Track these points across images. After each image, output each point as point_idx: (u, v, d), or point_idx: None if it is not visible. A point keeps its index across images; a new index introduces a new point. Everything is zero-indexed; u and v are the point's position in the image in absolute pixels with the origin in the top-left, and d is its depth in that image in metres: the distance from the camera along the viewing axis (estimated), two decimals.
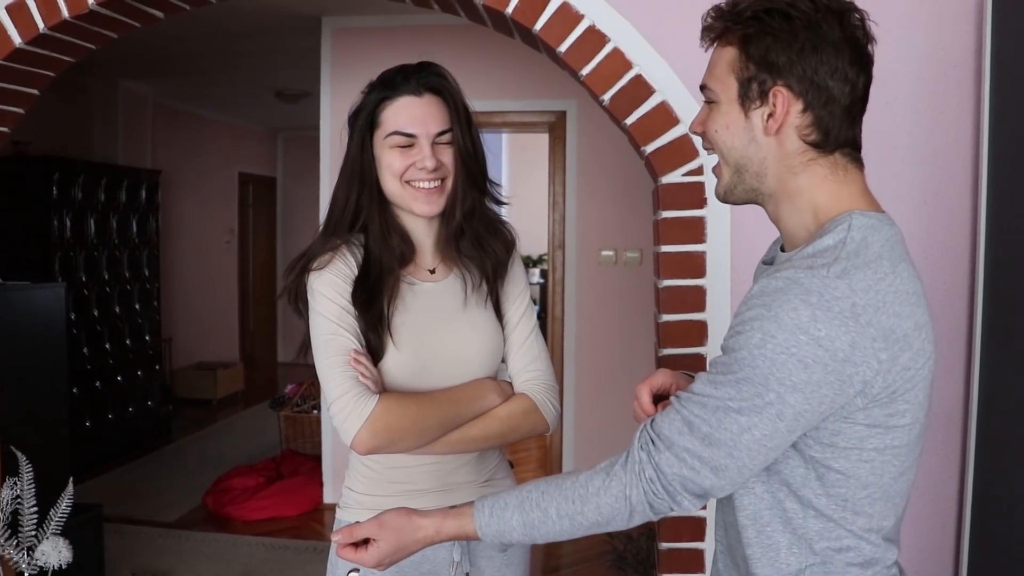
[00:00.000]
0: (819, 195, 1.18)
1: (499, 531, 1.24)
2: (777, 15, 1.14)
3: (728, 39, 1.20)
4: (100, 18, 2.55)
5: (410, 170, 1.55)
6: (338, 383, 1.46)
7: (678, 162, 2.24)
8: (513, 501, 1.24)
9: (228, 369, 8.04)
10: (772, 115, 1.16)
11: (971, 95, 2.20)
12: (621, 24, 2.25)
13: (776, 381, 1.05)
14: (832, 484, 1.13)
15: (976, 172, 2.19)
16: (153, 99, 7.24)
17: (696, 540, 2.27)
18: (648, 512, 1.16)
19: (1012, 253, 2.02)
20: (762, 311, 1.07)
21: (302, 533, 4.64)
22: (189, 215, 8.04)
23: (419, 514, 1.30)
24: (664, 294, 2.28)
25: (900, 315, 1.08)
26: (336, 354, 1.49)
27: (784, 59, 1.14)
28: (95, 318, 5.96)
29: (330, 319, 1.51)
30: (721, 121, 1.21)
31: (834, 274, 1.06)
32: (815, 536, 1.15)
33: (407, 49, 4.85)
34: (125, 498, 5.16)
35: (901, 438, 1.13)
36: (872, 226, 1.13)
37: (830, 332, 1.04)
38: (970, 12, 2.19)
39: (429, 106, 1.57)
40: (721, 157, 1.23)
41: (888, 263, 1.10)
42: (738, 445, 1.09)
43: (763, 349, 1.05)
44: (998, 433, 2.05)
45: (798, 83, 1.14)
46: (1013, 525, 1.94)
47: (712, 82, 1.22)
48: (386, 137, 1.56)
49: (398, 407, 1.47)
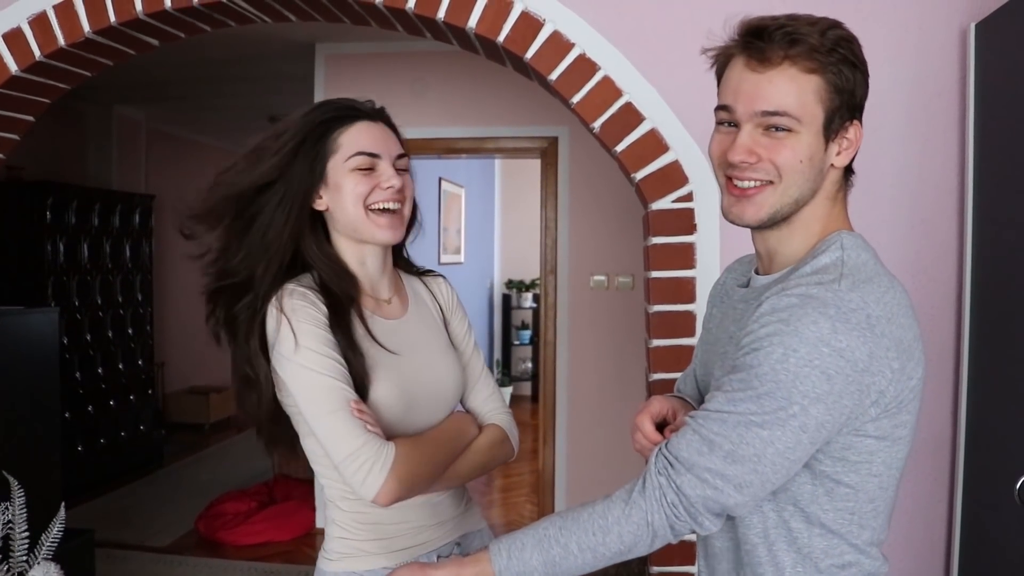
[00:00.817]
0: (824, 217, 1.21)
1: (520, 573, 1.20)
2: (856, 44, 1.17)
3: (808, 65, 1.14)
4: (96, 46, 2.58)
5: (374, 192, 1.50)
6: (353, 436, 1.38)
7: (668, 189, 2.27)
8: (531, 540, 1.20)
9: (221, 393, 8.00)
10: (847, 147, 1.18)
11: (956, 123, 2.24)
12: (611, 53, 2.28)
13: (800, 394, 1.06)
14: (841, 498, 1.15)
15: (962, 198, 2.22)
16: (147, 124, 7.26)
17: (687, 564, 2.28)
18: (669, 535, 1.15)
19: (997, 278, 2.04)
20: (780, 327, 1.07)
21: (294, 558, 4.62)
22: (183, 240, 8.00)
23: (432, 567, 1.26)
24: (654, 319, 2.29)
25: (904, 326, 1.11)
26: (339, 407, 1.40)
27: (862, 92, 1.17)
28: (88, 343, 5.94)
29: (323, 372, 1.41)
30: (804, 152, 1.16)
31: (846, 287, 1.09)
32: (820, 554, 1.17)
33: (399, 75, 4.91)
34: (117, 523, 5.13)
35: (901, 450, 1.16)
36: (861, 245, 1.18)
37: (851, 343, 1.06)
38: (954, 42, 2.23)
39: (384, 131, 1.55)
40: (784, 187, 1.18)
41: (886, 278, 1.14)
42: (763, 459, 1.09)
43: (785, 363, 1.06)
44: (985, 456, 2.07)
45: (862, 113, 1.19)
46: (1002, 549, 1.95)
47: (793, 109, 1.15)
48: (348, 159, 1.49)
49: (414, 452, 1.44)
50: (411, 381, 1.53)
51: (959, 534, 2.16)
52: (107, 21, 2.45)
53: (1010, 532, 1.89)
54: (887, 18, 2.25)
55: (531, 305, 9.21)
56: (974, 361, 2.14)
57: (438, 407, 1.58)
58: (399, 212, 1.54)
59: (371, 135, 1.52)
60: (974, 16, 2.19)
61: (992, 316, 2.07)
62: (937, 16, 2.24)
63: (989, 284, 2.08)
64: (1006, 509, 1.87)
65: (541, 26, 2.30)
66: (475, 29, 2.32)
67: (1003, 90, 2.03)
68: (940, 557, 2.25)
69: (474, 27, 2.32)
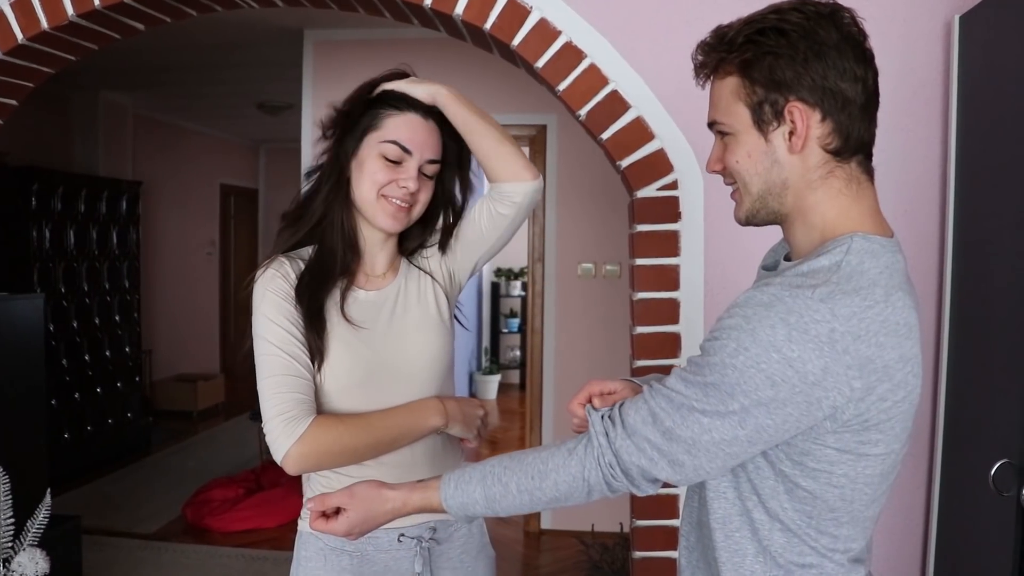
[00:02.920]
0: (830, 211, 1.17)
1: (463, 504, 1.26)
2: (771, 33, 1.13)
3: (726, 69, 1.18)
4: (80, 29, 2.57)
5: (391, 185, 1.54)
6: (274, 403, 1.47)
7: (653, 176, 2.28)
8: (477, 475, 1.26)
9: (208, 381, 8.00)
10: (794, 132, 1.14)
11: (940, 114, 2.25)
12: (598, 41, 2.29)
13: (742, 392, 1.06)
14: (799, 500, 1.14)
15: (944, 189, 2.23)
16: (134, 110, 7.23)
17: (670, 549, 2.30)
18: (606, 491, 1.19)
19: (977, 269, 2.06)
20: (741, 322, 1.07)
21: (281, 544, 4.63)
22: (170, 227, 8.02)
23: (388, 486, 1.33)
24: (638, 306, 2.31)
25: (883, 345, 1.06)
26: (273, 373, 1.48)
27: (791, 73, 1.12)
28: (74, 330, 5.93)
29: (269, 339, 1.51)
30: (741, 151, 1.18)
31: (818, 297, 1.04)
32: (779, 549, 1.16)
33: (388, 62, 4.85)
34: (104, 510, 5.13)
35: (874, 467, 1.12)
36: (872, 251, 1.12)
37: (803, 354, 1.03)
38: (939, 34, 2.24)
39: (432, 132, 1.58)
40: (743, 186, 1.21)
41: (881, 291, 1.08)
42: (697, 445, 1.10)
43: (735, 359, 1.06)
44: (962, 443, 2.09)
45: (810, 93, 1.13)
46: (978, 534, 1.97)
47: (721, 115, 1.20)
48: (381, 143, 1.54)
49: (331, 431, 1.48)
50: (372, 354, 1.57)
51: (936, 519, 2.19)
52: (91, 4, 2.43)
53: (985, 517, 1.91)
54: (873, 10, 2.25)
55: (520, 293, 9.23)
56: (953, 350, 2.16)
57: (404, 381, 1.59)
58: (407, 208, 1.58)
59: (413, 130, 1.56)
60: (958, 8, 2.20)
61: (971, 306, 2.08)
62: (922, 8, 2.24)
63: (969, 274, 2.10)
64: (982, 495, 1.89)
65: (528, 13, 2.30)
66: (462, 16, 2.32)
67: (985, 82, 2.04)
68: (918, 541, 2.27)
69: (461, 14, 2.32)
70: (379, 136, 1.55)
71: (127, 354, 6.55)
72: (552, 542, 4.80)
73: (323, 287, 1.56)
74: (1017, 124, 1.82)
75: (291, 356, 1.49)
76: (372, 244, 1.63)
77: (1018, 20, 1.83)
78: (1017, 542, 1.75)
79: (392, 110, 1.56)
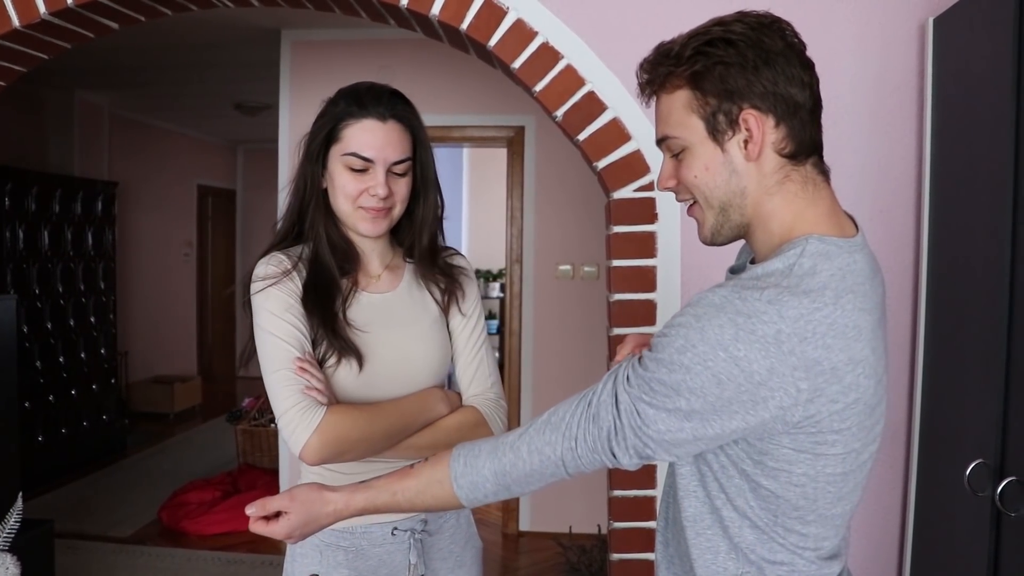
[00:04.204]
0: (787, 215, 1.17)
1: (473, 483, 1.26)
2: (719, 43, 1.14)
3: (674, 84, 1.18)
4: (53, 28, 2.54)
5: (363, 195, 1.55)
6: (286, 395, 1.47)
7: (629, 178, 2.28)
8: (487, 447, 1.26)
9: (185, 383, 7.95)
10: (749, 139, 1.15)
11: (915, 115, 2.26)
12: (574, 41, 2.28)
13: (687, 389, 1.07)
14: (763, 499, 1.15)
15: (919, 190, 2.25)
16: (110, 110, 7.16)
17: (647, 551, 2.30)
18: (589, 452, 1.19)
19: (952, 269, 2.07)
20: (691, 320, 1.08)
21: (258, 547, 4.59)
22: (147, 227, 7.96)
23: (329, 489, 1.35)
24: (615, 308, 2.30)
25: (830, 347, 1.06)
26: (282, 367, 1.49)
27: (742, 82, 1.13)
28: (48, 331, 5.86)
29: (274, 333, 1.51)
30: (698, 164, 1.18)
31: (765, 299, 1.06)
32: (750, 546, 1.17)
33: (366, 63, 4.87)
34: (78, 514, 5.08)
35: (834, 466, 1.13)
36: (826, 253, 1.12)
37: (749, 354, 1.04)
38: (913, 36, 2.25)
39: (391, 133, 1.56)
40: (703, 201, 1.21)
41: (831, 294, 1.08)
42: (645, 431, 1.12)
43: (683, 356, 1.07)
44: (938, 444, 2.10)
45: (762, 100, 1.14)
46: (953, 533, 1.98)
47: (672, 130, 1.20)
48: (343, 155, 1.55)
49: (347, 418, 1.48)
50: (372, 357, 1.58)
51: (913, 519, 2.20)
52: (64, 3, 2.40)
53: (961, 517, 1.92)
54: (849, 12, 2.27)
55: (498, 295, 9.21)
56: (929, 350, 2.17)
57: (402, 385, 1.60)
58: (385, 210, 1.58)
59: (372, 137, 1.55)
60: (932, 11, 2.21)
61: (947, 306, 2.10)
62: (897, 11, 2.26)
63: (944, 274, 2.11)
64: (957, 495, 1.90)
65: (504, 14, 2.29)
66: (439, 16, 2.31)
67: (959, 83, 2.06)
68: (895, 540, 2.28)
69: (438, 14, 2.31)
70: (340, 148, 1.55)
71: (103, 356, 6.49)
72: (530, 544, 4.80)
73: (329, 296, 1.57)
74: (990, 124, 1.83)
75: (297, 348, 1.50)
76: (364, 248, 1.65)
77: (991, 22, 1.85)
78: (991, 541, 1.76)
79: (349, 119, 1.55)
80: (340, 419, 1.47)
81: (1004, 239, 1.75)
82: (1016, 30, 1.72)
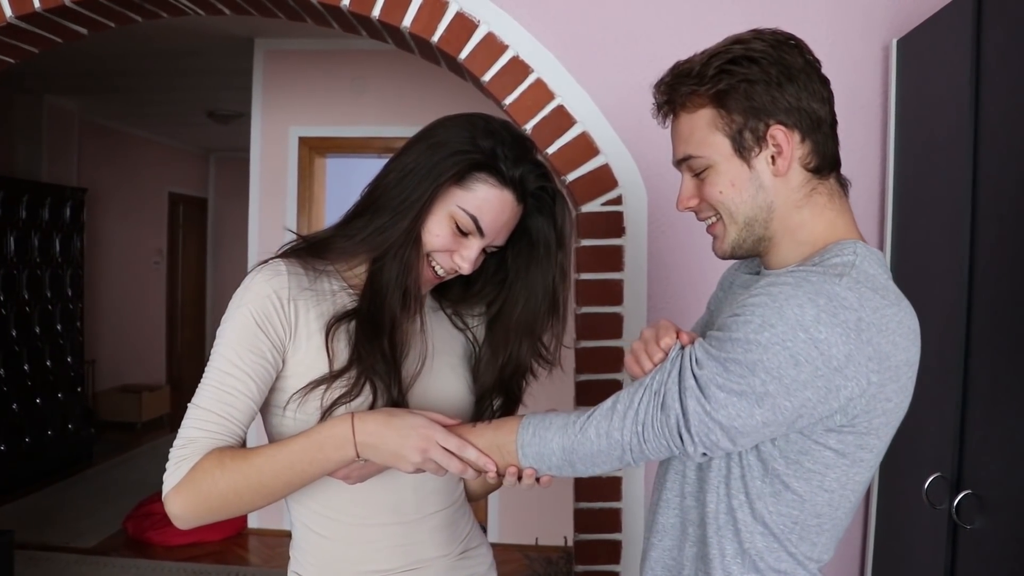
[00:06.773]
0: (819, 225, 1.19)
1: (539, 453, 1.21)
2: (742, 61, 1.15)
3: (696, 103, 1.19)
4: (20, 32, 2.52)
5: (445, 255, 1.34)
6: (181, 431, 1.29)
7: (598, 191, 2.30)
8: (559, 421, 1.21)
9: (154, 392, 7.86)
10: (778, 155, 1.16)
11: (879, 135, 2.30)
12: (544, 55, 2.30)
13: (763, 369, 1.05)
14: (786, 504, 1.15)
15: (882, 208, 2.28)
16: (80, 116, 7.10)
17: (612, 563, 2.31)
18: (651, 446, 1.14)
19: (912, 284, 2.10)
20: (766, 300, 1.06)
21: (225, 558, 4.56)
22: (116, 235, 7.88)
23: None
24: (582, 321, 2.32)
25: (897, 345, 1.08)
26: (197, 402, 1.28)
27: (768, 99, 1.15)
28: (13, 339, 5.79)
29: (222, 353, 1.28)
30: (723, 181, 1.19)
31: (846, 285, 1.06)
32: (758, 553, 1.17)
33: (339, 73, 4.87)
34: (41, 524, 5.01)
35: (862, 474, 1.14)
36: (877, 259, 1.15)
37: (830, 337, 1.03)
38: (877, 58, 2.29)
39: (514, 218, 1.35)
40: (727, 216, 1.21)
41: (894, 294, 1.11)
42: (714, 415, 1.08)
43: (759, 336, 1.05)
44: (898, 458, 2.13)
45: (788, 116, 1.15)
46: (912, 546, 2.01)
47: (695, 149, 1.20)
48: (459, 206, 1.30)
49: (207, 474, 1.26)
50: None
51: (874, 532, 2.22)
52: (31, 7, 2.39)
53: (919, 530, 1.95)
54: (814, 32, 2.29)
55: None
56: None
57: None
58: (445, 278, 1.40)
59: (498, 212, 1.31)
60: (896, 32, 2.25)
61: None
62: (862, 33, 2.29)
63: (905, 290, 2.14)
64: (916, 508, 1.93)
65: (476, 27, 2.30)
66: (410, 28, 2.32)
67: (922, 103, 2.09)
68: (856, 552, 2.31)
69: (409, 26, 2.32)
70: (461, 197, 1.30)
71: (69, 364, 6.41)
72: (497, 555, 4.73)
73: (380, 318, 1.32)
74: (951, 143, 1.87)
75: (235, 376, 1.27)
76: None
77: (952, 44, 1.88)
78: (948, 554, 1.78)
79: (491, 175, 1.30)
80: (201, 475, 1.25)
81: (962, 255, 1.78)
82: (973, 52, 1.76)
